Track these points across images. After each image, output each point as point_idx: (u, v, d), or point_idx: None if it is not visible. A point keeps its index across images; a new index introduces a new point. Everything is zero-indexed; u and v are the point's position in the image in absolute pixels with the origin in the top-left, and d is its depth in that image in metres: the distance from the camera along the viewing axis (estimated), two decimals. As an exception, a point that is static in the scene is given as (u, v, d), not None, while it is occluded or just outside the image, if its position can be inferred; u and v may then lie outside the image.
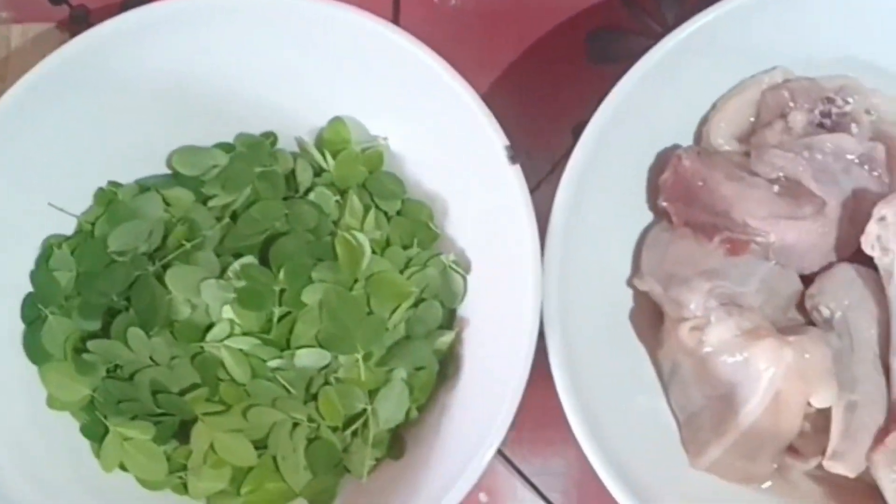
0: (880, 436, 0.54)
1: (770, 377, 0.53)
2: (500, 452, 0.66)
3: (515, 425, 0.55)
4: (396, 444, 0.62)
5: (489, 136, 0.58)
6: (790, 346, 0.53)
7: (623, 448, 0.56)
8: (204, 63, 0.62)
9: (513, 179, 0.57)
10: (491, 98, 0.58)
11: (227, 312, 0.61)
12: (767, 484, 0.58)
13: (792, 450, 0.56)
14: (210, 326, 0.60)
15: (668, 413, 0.59)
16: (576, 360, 0.56)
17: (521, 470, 0.65)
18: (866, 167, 0.58)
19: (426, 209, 0.64)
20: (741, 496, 0.58)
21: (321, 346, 0.61)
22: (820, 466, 0.57)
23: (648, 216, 0.61)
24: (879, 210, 0.55)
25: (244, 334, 0.61)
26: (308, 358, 0.60)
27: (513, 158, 0.56)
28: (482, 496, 0.66)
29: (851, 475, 0.54)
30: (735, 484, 0.58)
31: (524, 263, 0.56)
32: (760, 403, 0.54)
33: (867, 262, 0.57)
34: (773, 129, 0.59)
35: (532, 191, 0.57)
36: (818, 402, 0.54)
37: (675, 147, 0.60)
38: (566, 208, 0.56)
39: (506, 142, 0.57)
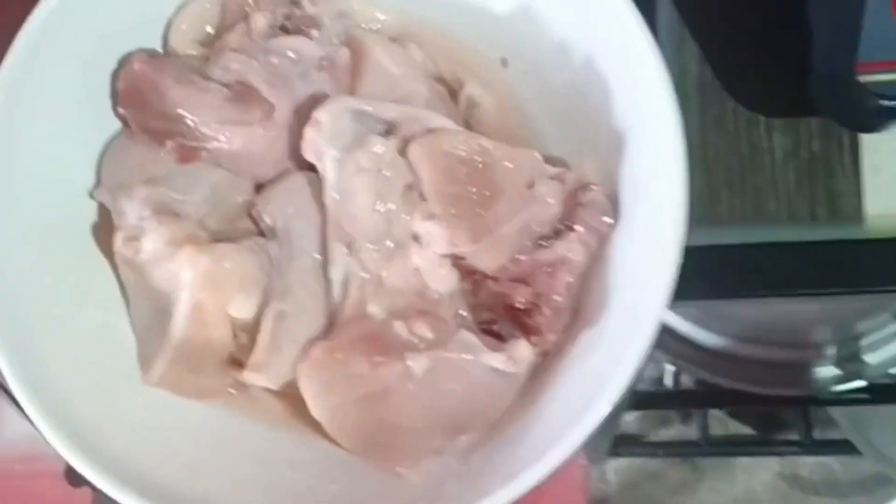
0: (309, 347, 0.52)
1: (189, 286, 0.51)
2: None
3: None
4: None
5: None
6: (206, 253, 0.51)
7: (65, 371, 0.53)
8: None
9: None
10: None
11: None
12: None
13: (239, 364, 0.54)
14: None
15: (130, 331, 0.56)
16: (12, 280, 0.53)
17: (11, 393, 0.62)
18: (326, 72, 0.56)
19: None
20: (206, 415, 0.56)
21: None
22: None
23: (118, 125, 0.58)
24: (316, 114, 0.53)
25: None
26: None
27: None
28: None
29: (273, 387, 0.52)
30: (196, 400, 0.55)
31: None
32: (185, 313, 0.52)
33: (325, 170, 0.55)
34: (235, 32, 0.57)
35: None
36: (236, 312, 0.52)
37: (138, 51, 0.57)
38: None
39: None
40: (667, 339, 1.24)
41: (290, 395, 0.55)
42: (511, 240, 0.53)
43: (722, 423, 1.68)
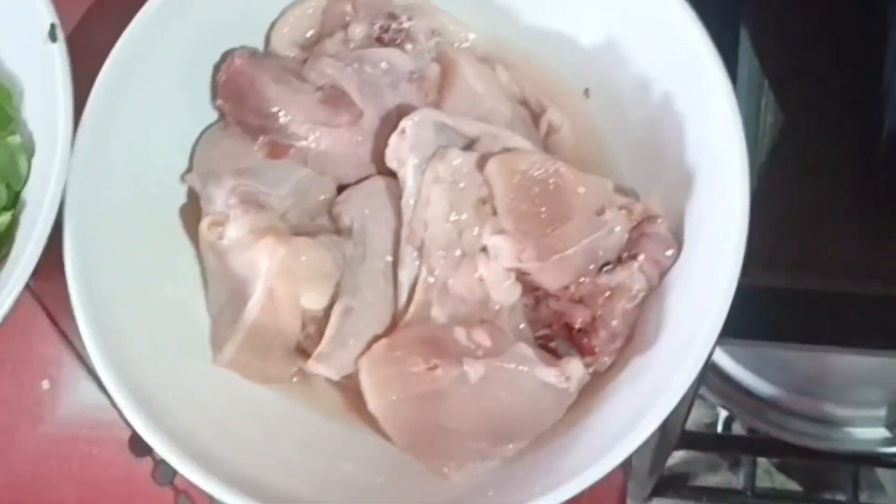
0: (373, 343, 0.55)
1: (265, 274, 0.54)
2: (68, 340, 0.66)
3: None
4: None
5: (37, 12, 0.57)
6: (285, 245, 0.54)
7: (140, 343, 0.56)
8: None
9: (55, 58, 0.57)
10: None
11: None
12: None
13: (305, 353, 0.57)
14: None
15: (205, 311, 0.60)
16: (98, 250, 0.56)
17: (86, 359, 0.65)
18: (415, 85, 0.59)
19: (5, 91, 0.64)
20: (267, 399, 0.59)
21: None
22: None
23: (215, 115, 0.61)
24: (402, 123, 0.55)
25: None
26: None
27: (53, 36, 0.56)
28: (45, 383, 0.66)
29: (334, 377, 0.55)
30: (259, 384, 0.58)
31: (56, 147, 0.56)
32: (259, 300, 0.55)
33: (405, 176, 0.58)
34: (333, 39, 0.60)
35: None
36: (307, 303, 0.55)
37: (241, 48, 0.60)
38: (104, 99, 0.57)
39: (54, 19, 0.57)
40: (720, 384, 1.25)
41: (350, 388, 0.58)
42: (576, 262, 0.55)
43: (769, 475, 1.67)
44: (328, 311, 0.56)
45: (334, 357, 0.54)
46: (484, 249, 0.55)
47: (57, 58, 0.57)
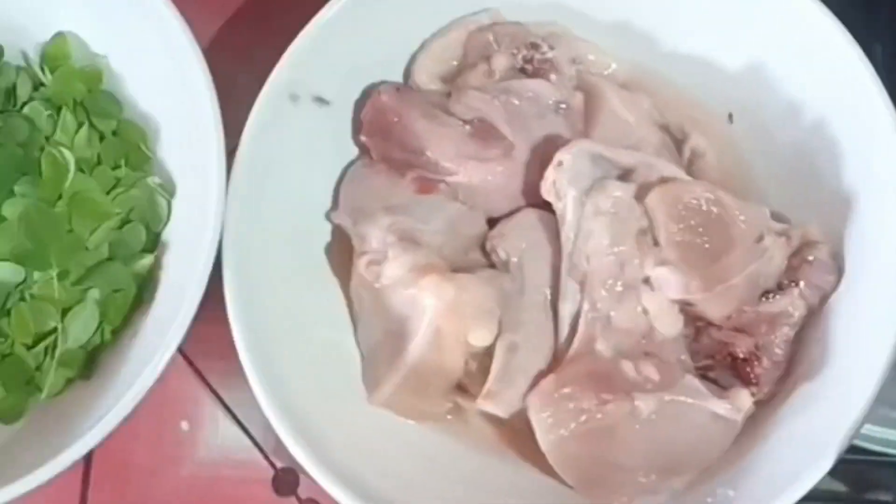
0: (538, 378, 0.54)
1: (431, 313, 0.53)
2: (205, 381, 0.66)
3: (221, 354, 0.56)
4: (88, 364, 0.61)
5: (190, 57, 0.57)
6: (451, 282, 0.53)
7: (298, 381, 0.56)
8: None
9: (206, 100, 0.57)
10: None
11: (-77, 225, 0.60)
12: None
13: (462, 389, 0.56)
14: None
15: (355, 349, 0.59)
16: (254, 290, 0.56)
17: (225, 400, 0.65)
18: (562, 114, 0.58)
19: (140, 131, 0.64)
20: (419, 435, 0.58)
21: (16, 262, 0.59)
22: (494, 408, 0.57)
23: (355, 151, 0.61)
24: (558, 156, 0.55)
25: (-58, 248, 0.60)
26: (2, 273, 0.59)
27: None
28: (184, 424, 0.66)
29: (503, 415, 0.55)
30: (413, 422, 0.58)
31: (210, 190, 0.56)
32: (424, 339, 0.54)
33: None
34: (476, 71, 0.59)
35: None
36: (474, 340, 0.54)
37: (383, 83, 0.60)
38: (256, 138, 0.56)
39: (200, 57, 0.57)
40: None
41: (506, 424, 0.58)
42: (740, 291, 0.54)
43: (814, 477, 1.67)
44: (489, 346, 0.55)
45: (503, 395, 0.54)
46: (646, 281, 0.55)
47: (207, 100, 0.57)
